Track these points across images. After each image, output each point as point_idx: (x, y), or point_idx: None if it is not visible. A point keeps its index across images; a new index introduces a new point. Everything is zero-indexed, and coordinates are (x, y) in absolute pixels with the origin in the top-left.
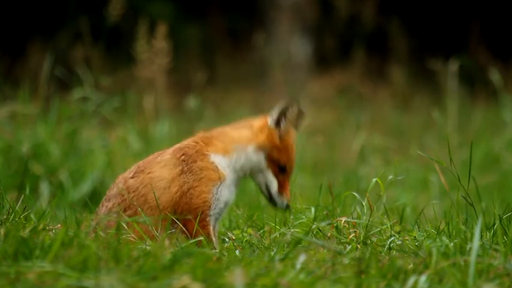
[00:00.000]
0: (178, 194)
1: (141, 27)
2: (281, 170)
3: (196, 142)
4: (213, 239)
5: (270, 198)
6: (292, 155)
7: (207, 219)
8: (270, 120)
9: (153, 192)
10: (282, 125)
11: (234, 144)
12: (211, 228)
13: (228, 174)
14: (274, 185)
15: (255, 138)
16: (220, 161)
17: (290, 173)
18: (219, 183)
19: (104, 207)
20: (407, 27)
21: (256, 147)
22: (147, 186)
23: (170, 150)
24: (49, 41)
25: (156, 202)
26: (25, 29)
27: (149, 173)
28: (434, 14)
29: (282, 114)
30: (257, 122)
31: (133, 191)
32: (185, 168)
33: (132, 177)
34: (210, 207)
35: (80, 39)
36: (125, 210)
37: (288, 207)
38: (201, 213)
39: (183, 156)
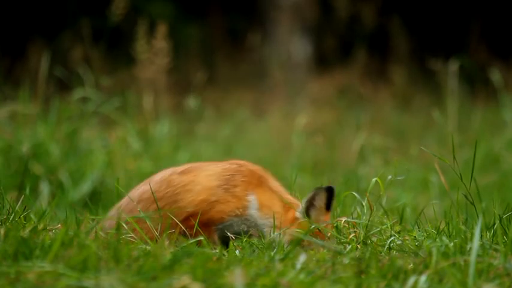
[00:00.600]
0: (203, 199)
1: (140, 27)
2: None
3: (247, 176)
4: (215, 240)
5: None
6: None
7: (213, 227)
8: (299, 212)
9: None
10: (312, 214)
11: (270, 212)
12: (215, 237)
13: (252, 222)
14: None
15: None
16: (253, 205)
17: None
18: (241, 218)
19: (140, 189)
20: (408, 27)
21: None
22: (185, 187)
23: (224, 164)
24: (50, 42)
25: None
26: (26, 30)
27: (194, 176)
28: (434, 14)
29: (310, 204)
30: (291, 214)
31: (172, 186)
32: (224, 186)
33: (179, 173)
34: (221, 223)
35: (80, 40)
36: (159, 200)
37: None
38: (210, 222)
39: (229, 176)
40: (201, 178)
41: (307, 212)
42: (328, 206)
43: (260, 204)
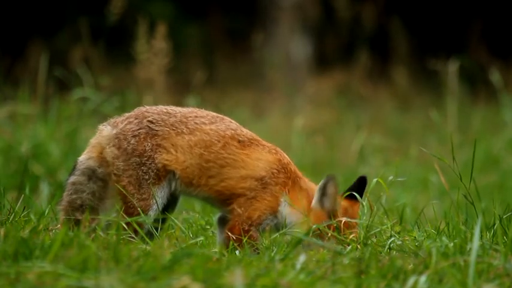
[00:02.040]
0: (241, 192)
1: (140, 27)
2: None
3: (289, 174)
4: (257, 240)
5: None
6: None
7: (251, 228)
8: (314, 202)
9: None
10: (325, 202)
11: (300, 204)
12: (257, 234)
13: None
14: None
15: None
16: (285, 206)
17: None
18: (273, 216)
19: (207, 114)
20: (408, 27)
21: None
22: (238, 161)
23: (272, 152)
24: (49, 42)
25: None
26: (25, 30)
27: (247, 156)
28: (434, 14)
29: (323, 193)
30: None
31: (224, 147)
32: (267, 180)
33: (239, 142)
34: (259, 223)
35: (79, 39)
36: (206, 148)
37: None
38: (249, 224)
39: (275, 170)
40: (251, 161)
41: (321, 201)
42: (360, 195)
43: (291, 202)
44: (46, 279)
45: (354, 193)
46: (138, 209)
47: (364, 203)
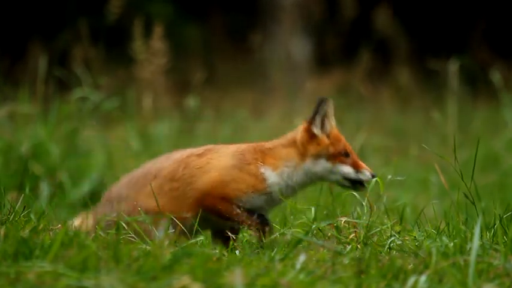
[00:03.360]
0: (217, 179)
1: (137, 27)
2: (345, 155)
3: (255, 151)
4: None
5: (354, 183)
6: (344, 139)
7: (232, 203)
8: (315, 128)
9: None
10: (326, 124)
11: (283, 162)
12: (237, 209)
13: (275, 191)
14: (350, 170)
15: (306, 153)
16: (270, 176)
17: (352, 151)
18: (258, 194)
19: (158, 163)
20: (409, 27)
21: (312, 160)
22: (201, 169)
23: (235, 145)
24: (49, 42)
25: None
26: (25, 30)
27: (210, 158)
28: (436, 14)
29: (323, 116)
30: (301, 137)
31: (188, 168)
32: (238, 165)
33: (197, 155)
34: (237, 200)
35: (79, 40)
36: (171, 180)
37: (374, 176)
38: (227, 198)
39: (240, 156)
40: (216, 160)
41: (322, 125)
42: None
43: (274, 168)
44: (46, 279)
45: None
46: None
47: (364, 203)
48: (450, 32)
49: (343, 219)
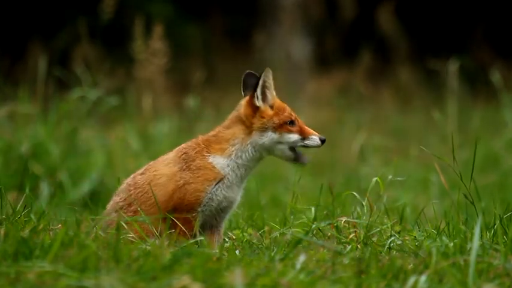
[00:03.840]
0: (173, 189)
1: (137, 27)
2: (290, 123)
3: (198, 144)
4: (196, 234)
5: (297, 157)
6: (288, 108)
7: (193, 214)
8: (257, 101)
9: (152, 190)
10: (268, 95)
11: (229, 143)
12: (195, 223)
13: (228, 174)
14: (297, 138)
15: (252, 127)
16: (218, 161)
17: (298, 119)
18: (214, 183)
19: (112, 201)
20: (409, 27)
21: (259, 133)
22: (151, 182)
23: (175, 150)
24: (49, 42)
25: (155, 199)
26: (25, 30)
27: (154, 170)
28: (436, 14)
29: (264, 88)
30: (244, 111)
31: (138, 187)
32: (184, 167)
33: (141, 174)
34: (200, 204)
35: (79, 40)
36: (130, 205)
37: (322, 140)
38: (190, 209)
39: (184, 155)
40: (161, 170)
41: (264, 97)
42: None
43: (221, 152)
44: (46, 278)
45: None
46: None
47: (364, 203)
48: (450, 32)
49: (343, 219)
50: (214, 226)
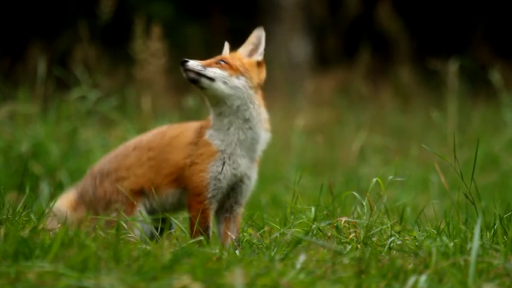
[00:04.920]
0: (183, 162)
1: (137, 27)
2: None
3: (200, 126)
4: (210, 226)
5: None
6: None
7: (205, 202)
8: (261, 56)
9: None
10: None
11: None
12: (211, 213)
13: (221, 147)
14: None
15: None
16: (211, 134)
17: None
18: (213, 161)
19: (137, 138)
20: (410, 26)
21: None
22: (171, 144)
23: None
24: (49, 42)
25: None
26: (25, 30)
27: (182, 129)
28: (436, 13)
29: (260, 45)
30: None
31: (165, 137)
32: (195, 140)
33: (170, 127)
34: (207, 187)
35: (79, 40)
36: (149, 149)
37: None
38: (199, 195)
39: (199, 129)
40: (181, 136)
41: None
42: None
43: (215, 128)
44: (46, 279)
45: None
46: None
47: (364, 203)
48: (450, 31)
49: (343, 219)
50: (229, 211)
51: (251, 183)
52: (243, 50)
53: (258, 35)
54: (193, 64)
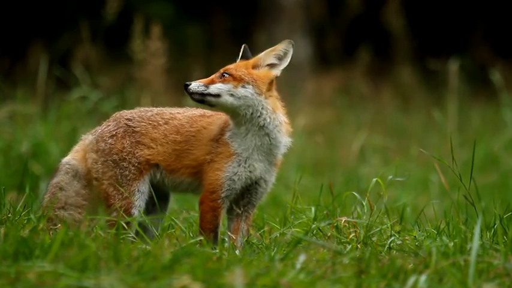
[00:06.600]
0: (203, 158)
1: (136, 27)
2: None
3: (221, 122)
4: (219, 224)
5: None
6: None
7: (218, 200)
8: (279, 72)
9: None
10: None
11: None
12: (222, 212)
13: (238, 150)
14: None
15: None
16: (231, 135)
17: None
18: (229, 162)
19: (172, 110)
20: (410, 26)
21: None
22: (197, 137)
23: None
24: (50, 42)
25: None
26: (26, 31)
27: (204, 127)
28: (436, 13)
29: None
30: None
31: (192, 126)
32: (217, 137)
33: (208, 116)
34: (222, 186)
35: (80, 40)
36: (177, 132)
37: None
38: (213, 193)
39: (223, 125)
40: (209, 128)
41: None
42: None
43: (235, 131)
44: (46, 278)
45: None
46: (121, 209)
47: (364, 203)
48: (450, 31)
49: (343, 219)
50: (242, 210)
51: (268, 186)
52: (265, 57)
53: (286, 49)
54: (194, 86)
